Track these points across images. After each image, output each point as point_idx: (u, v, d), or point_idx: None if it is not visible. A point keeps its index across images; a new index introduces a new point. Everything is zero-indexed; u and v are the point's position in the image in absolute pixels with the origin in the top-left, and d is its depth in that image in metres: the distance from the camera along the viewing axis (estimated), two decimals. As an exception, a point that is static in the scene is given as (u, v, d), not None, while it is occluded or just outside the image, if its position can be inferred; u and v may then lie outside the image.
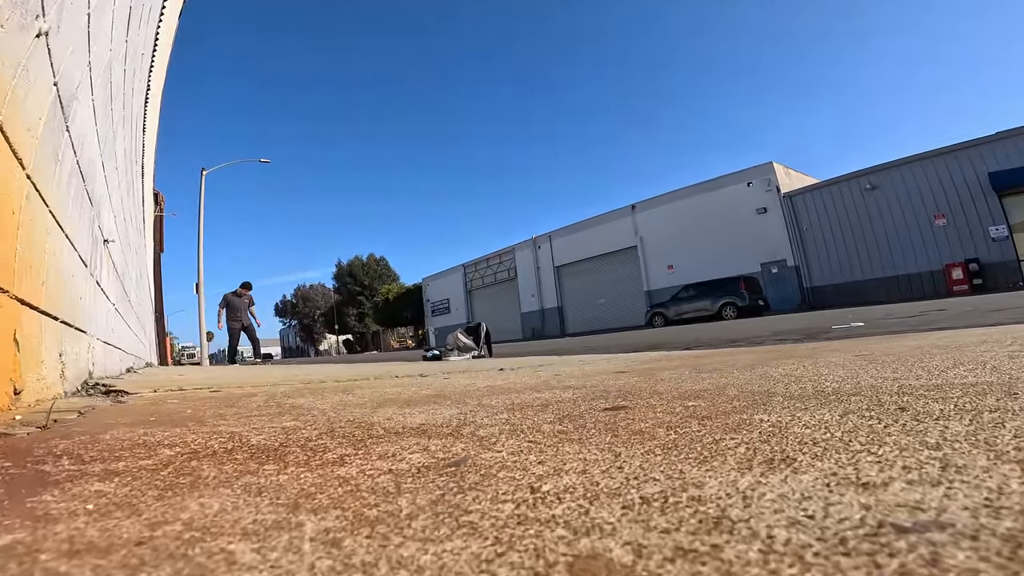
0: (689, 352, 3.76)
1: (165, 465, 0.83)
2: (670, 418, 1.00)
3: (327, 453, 0.88)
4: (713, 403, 1.13)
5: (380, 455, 0.84)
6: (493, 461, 0.74)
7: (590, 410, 1.16)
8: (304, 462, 0.81)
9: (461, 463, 0.73)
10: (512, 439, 0.90)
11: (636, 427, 0.93)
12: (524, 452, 0.80)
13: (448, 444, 0.90)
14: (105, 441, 1.04)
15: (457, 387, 2.10)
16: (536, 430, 0.97)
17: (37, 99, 1.73)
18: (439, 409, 1.35)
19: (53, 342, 2.02)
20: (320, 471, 0.75)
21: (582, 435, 0.90)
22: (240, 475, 0.74)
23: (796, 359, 2.03)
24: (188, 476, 0.75)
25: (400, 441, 0.95)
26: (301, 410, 1.53)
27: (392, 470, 0.73)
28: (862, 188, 23.29)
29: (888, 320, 7.81)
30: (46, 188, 1.90)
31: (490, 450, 0.82)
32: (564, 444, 0.84)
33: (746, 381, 1.46)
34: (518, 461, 0.74)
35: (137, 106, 5.50)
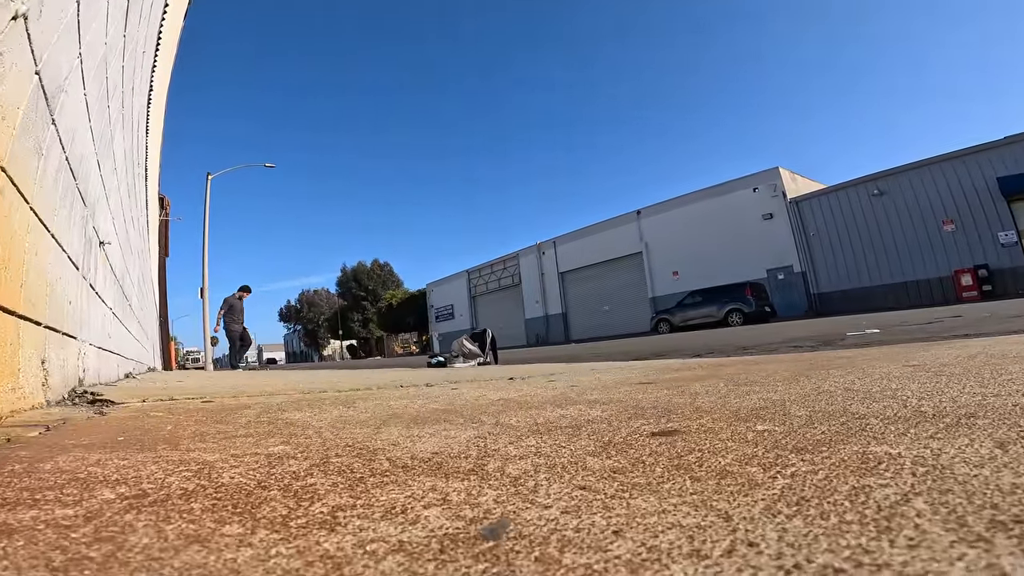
0: (707, 360, 3.59)
1: (88, 519, 0.64)
2: (748, 449, 0.81)
3: (315, 503, 0.69)
4: (788, 427, 0.94)
5: (385, 509, 0.65)
6: (544, 528, 0.54)
7: (634, 434, 0.97)
8: (281, 520, 0.62)
9: (500, 532, 0.54)
10: (555, 482, 0.71)
11: (714, 464, 0.74)
12: (582, 509, 0.60)
13: (473, 489, 0.71)
14: (41, 472, 0.88)
15: (468, 400, 1.95)
16: (580, 466, 0.79)
17: (14, 86, 1.59)
18: (452, 430, 1.18)
19: (33, 349, 1.88)
20: (300, 541, 0.55)
21: (648, 477, 0.71)
22: (182, 545, 0.54)
23: (840, 370, 1.86)
24: (105, 544, 0.55)
25: (411, 483, 0.77)
26: (294, 429, 1.37)
27: (403, 544, 0.53)
28: (869, 193, 23.09)
29: (904, 327, 7.62)
30: (26, 183, 1.76)
31: (532, 504, 0.63)
32: (631, 494, 0.64)
33: (804, 396, 1.29)
34: (581, 527, 0.54)
35: (139, 106, 5.39)
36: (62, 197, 2.33)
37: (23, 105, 1.69)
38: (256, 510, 0.67)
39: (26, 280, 1.81)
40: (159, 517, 0.65)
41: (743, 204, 26.56)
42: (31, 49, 1.70)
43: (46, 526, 0.61)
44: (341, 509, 0.66)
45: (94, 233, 3.36)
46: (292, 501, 0.70)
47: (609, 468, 0.75)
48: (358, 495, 0.72)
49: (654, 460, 0.78)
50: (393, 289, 62.33)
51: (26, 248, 1.81)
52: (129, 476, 0.85)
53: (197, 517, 0.64)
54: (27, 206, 1.80)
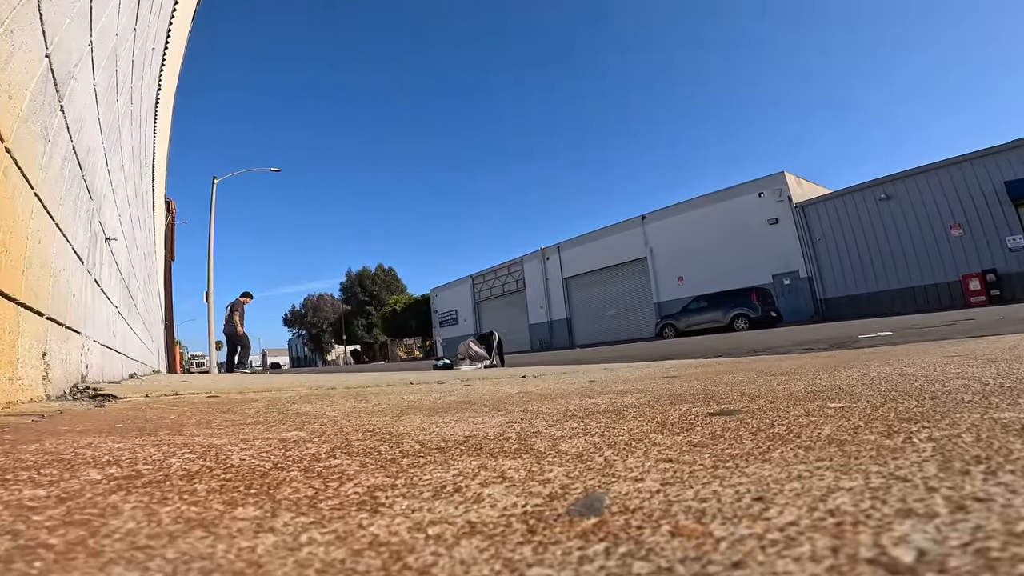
0: (723, 359, 3.50)
1: (61, 500, 0.53)
2: (842, 422, 0.71)
3: (345, 483, 0.58)
4: (869, 404, 0.83)
5: (434, 489, 0.54)
6: (654, 500, 0.45)
7: (688, 415, 0.88)
8: (308, 501, 0.51)
9: (597, 507, 0.43)
10: (630, 457, 0.61)
11: (813, 434, 0.64)
12: (687, 479, 0.50)
13: (532, 467, 0.60)
14: (22, 454, 0.78)
15: (484, 393, 1.87)
16: (648, 442, 0.68)
17: (23, 66, 1.54)
18: (478, 417, 1.10)
19: (34, 340, 1.81)
20: (337, 525, 0.44)
21: (739, 447, 0.61)
22: (181, 531, 0.43)
23: (878, 362, 1.77)
24: (75, 530, 0.44)
25: (453, 462, 0.66)
26: (307, 418, 1.29)
27: (475, 526, 0.42)
28: (876, 198, 22.94)
29: (916, 330, 7.50)
30: (31, 167, 1.70)
31: (617, 478, 0.52)
32: (736, 464, 0.54)
33: (859, 382, 1.19)
34: (704, 497, 0.44)
35: (147, 104, 5.36)
36: (68, 187, 2.28)
37: (31, 87, 1.63)
38: (275, 491, 0.56)
39: (28, 267, 1.75)
40: (153, 499, 0.54)
41: (748, 209, 26.42)
42: (42, 30, 1.65)
43: (3, 507, 0.51)
44: (380, 489, 0.55)
45: (100, 228, 3.31)
46: (318, 482, 0.60)
47: (685, 443, 0.65)
48: (395, 475, 0.61)
49: (733, 435, 0.68)
50: (397, 294, 62.31)
51: (29, 234, 1.75)
52: (123, 458, 0.75)
53: (201, 499, 0.53)
54: (31, 191, 1.74)
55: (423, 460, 0.69)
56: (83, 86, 2.29)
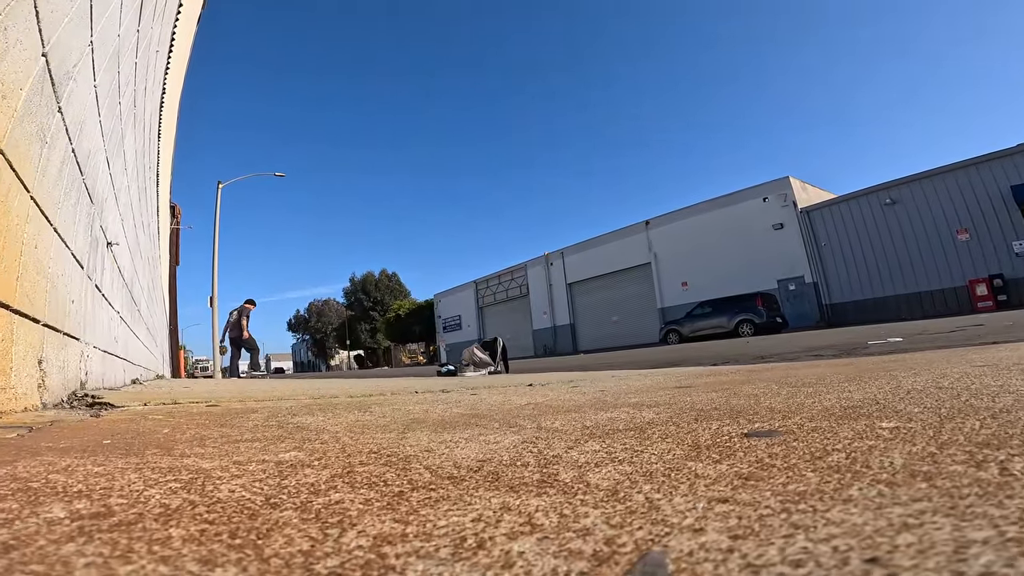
0: (734, 367, 3.42)
1: (6, 549, 0.45)
2: (909, 447, 0.63)
3: (348, 532, 0.49)
4: (926, 424, 0.75)
5: (453, 542, 0.45)
6: (731, 565, 0.36)
7: (722, 436, 0.80)
8: (302, 561, 0.42)
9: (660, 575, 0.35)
10: (675, 495, 0.52)
11: (885, 463, 0.56)
12: (760, 531, 0.41)
13: (562, 508, 0.51)
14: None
15: (492, 404, 1.81)
16: (688, 473, 0.61)
17: (17, 65, 1.49)
18: (489, 435, 1.03)
19: (29, 347, 1.76)
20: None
21: (805, 484, 0.53)
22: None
23: (904, 371, 1.69)
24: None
25: (469, 499, 0.57)
26: (308, 433, 1.22)
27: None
28: (881, 203, 22.82)
29: (926, 336, 7.40)
30: (26, 170, 1.65)
31: (671, 527, 0.44)
32: (812, 505, 0.46)
33: (895, 395, 1.10)
34: (795, 560, 0.36)
35: (151, 107, 5.33)
36: (67, 191, 2.23)
37: (26, 87, 1.58)
38: (264, 541, 0.47)
39: (23, 273, 1.69)
40: (115, 550, 0.45)
41: (753, 214, 26.32)
42: (39, 28, 1.61)
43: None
44: (388, 541, 0.46)
45: (101, 233, 3.26)
46: (315, 528, 0.51)
47: (733, 474, 0.57)
48: (405, 518, 0.52)
49: (785, 463, 0.61)
50: (401, 299, 62.37)
51: (24, 239, 1.70)
52: (97, 487, 0.67)
53: (175, 552, 0.44)
54: (27, 194, 1.69)
55: (435, 495, 0.61)
56: (83, 87, 2.24)
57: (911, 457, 0.58)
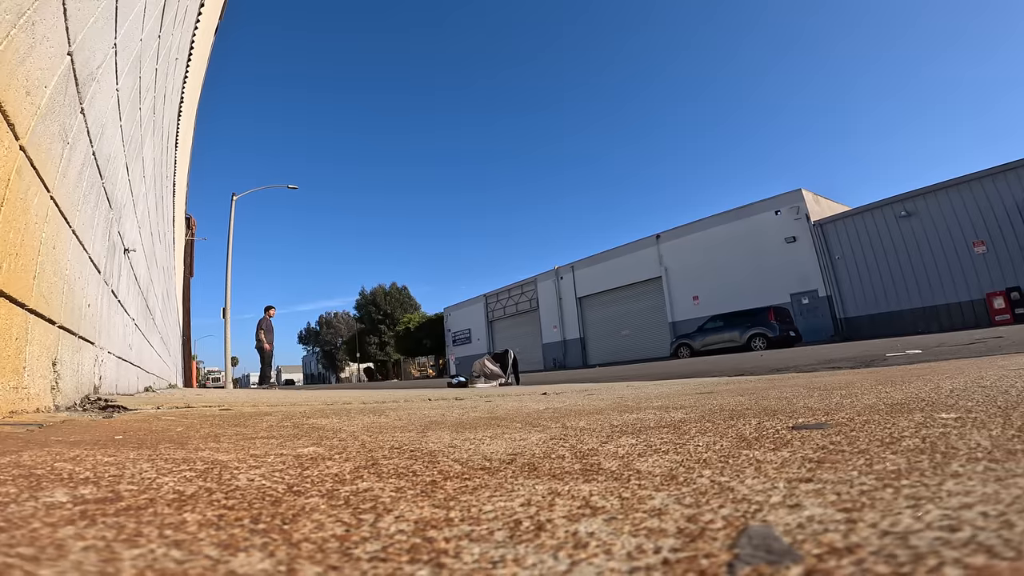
0: (754, 377, 3.34)
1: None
2: (987, 432, 0.59)
3: (384, 516, 0.44)
4: (988, 414, 0.70)
5: (505, 525, 0.40)
6: (852, 532, 0.33)
7: (769, 430, 0.75)
8: (338, 545, 0.38)
9: (775, 546, 0.32)
10: (743, 475, 0.48)
11: (972, 444, 0.52)
12: (861, 501, 0.38)
13: (619, 491, 0.46)
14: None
15: (509, 409, 1.76)
16: (745, 458, 0.56)
17: (43, 62, 1.50)
18: (514, 433, 0.98)
19: (43, 348, 1.75)
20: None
21: (891, 462, 0.49)
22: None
23: (937, 375, 1.63)
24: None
25: (510, 486, 0.52)
26: (324, 432, 1.18)
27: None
28: (896, 215, 22.55)
29: (945, 348, 7.24)
30: (47, 169, 1.65)
31: (758, 504, 0.40)
32: (921, 479, 0.42)
33: (938, 395, 1.05)
34: (928, 523, 0.33)
35: (169, 115, 5.39)
36: (86, 193, 2.24)
37: (51, 85, 1.59)
38: (291, 527, 0.42)
39: (40, 273, 1.69)
40: (120, 534, 0.40)
41: (765, 227, 26.12)
42: (66, 26, 1.61)
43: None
44: (432, 525, 0.41)
45: (119, 238, 3.28)
46: (346, 513, 0.46)
47: (801, 459, 0.51)
48: (444, 504, 0.47)
49: (856, 449, 0.55)
50: (411, 313, 62.52)
51: (42, 239, 1.70)
52: (106, 475, 0.62)
53: (189, 536, 0.40)
54: (47, 194, 1.69)
55: (472, 484, 0.56)
56: (106, 90, 2.26)
57: (996, 439, 0.53)
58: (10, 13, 1.26)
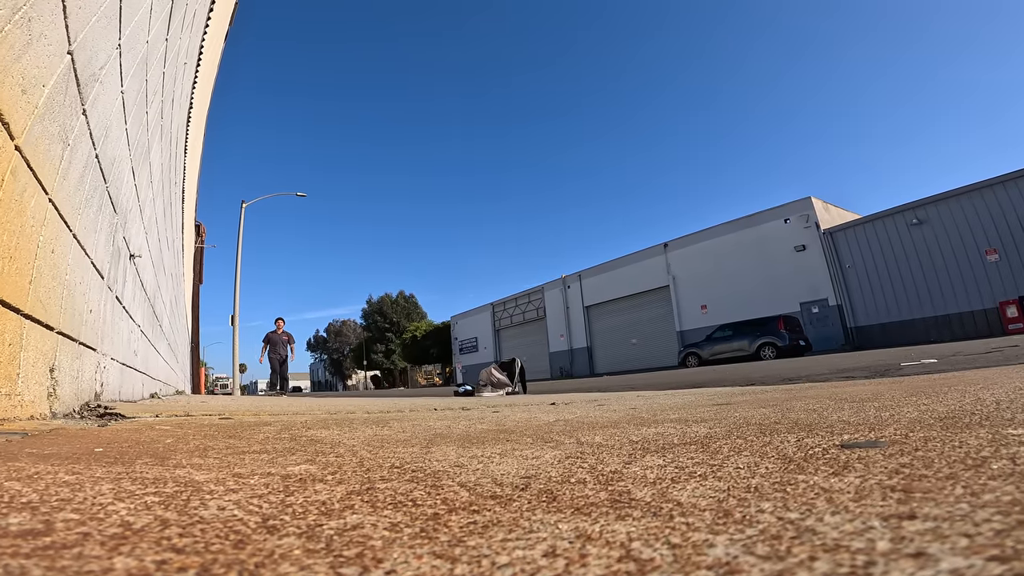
0: (769, 387, 3.25)
1: None
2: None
3: (373, 571, 0.36)
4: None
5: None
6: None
7: (815, 449, 0.66)
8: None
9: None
10: (815, 511, 0.40)
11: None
12: (997, 544, 0.31)
13: (668, 535, 0.38)
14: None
15: (518, 421, 1.69)
16: (805, 486, 0.48)
17: (40, 60, 1.46)
18: (525, 450, 0.90)
19: (40, 354, 1.70)
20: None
21: (1001, 492, 0.41)
22: None
23: (972, 385, 1.54)
24: None
25: (527, 524, 0.43)
26: (322, 447, 1.11)
27: None
28: (908, 223, 22.31)
29: (960, 357, 7.09)
30: (45, 171, 1.61)
31: (857, 551, 0.32)
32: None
33: (978, 404, 0.98)
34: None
35: (178, 120, 5.39)
36: (88, 197, 2.21)
37: (49, 84, 1.55)
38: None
39: (37, 277, 1.65)
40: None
41: (774, 235, 25.93)
42: (65, 24, 1.57)
43: None
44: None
45: (124, 244, 3.25)
46: (324, 563, 0.36)
47: (877, 487, 0.42)
48: (448, 551, 0.38)
49: (938, 474, 0.47)
50: (417, 321, 62.60)
51: (40, 242, 1.65)
52: (53, 498, 0.54)
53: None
54: (45, 196, 1.65)
55: (481, 519, 0.46)
56: (109, 91, 2.22)
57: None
58: (4, 8, 1.22)
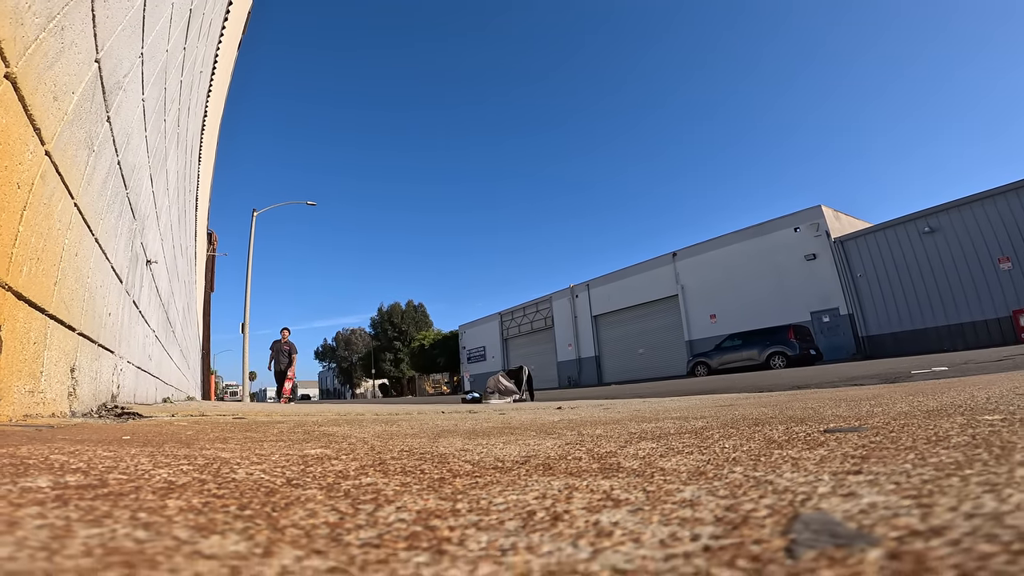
0: (776, 393, 3.25)
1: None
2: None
3: (384, 507, 0.41)
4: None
5: (517, 515, 0.37)
6: (928, 518, 0.31)
7: (798, 434, 0.70)
8: (328, 531, 0.35)
9: (840, 531, 0.29)
10: (778, 472, 0.45)
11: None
12: (922, 491, 0.36)
13: (643, 485, 0.43)
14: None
15: (524, 420, 1.73)
16: (778, 456, 0.53)
17: (71, 68, 1.53)
18: (528, 440, 0.94)
19: (62, 354, 1.76)
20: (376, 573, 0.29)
21: (946, 456, 0.46)
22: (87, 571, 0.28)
23: (973, 387, 1.56)
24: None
25: (523, 482, 0.49)
26: (334, 438, 1.16)
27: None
28: (919, 231, 22.12)
29: (972, 364, 7.02)
30: (72, 176, 1.69)
31: (803, 495, 0.37)
32: (987, 467, 0.39)
33: (971, 400, 1.01)
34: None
35: (193, 129, 5.51)
36: (110, 203, 2.28)
37: (78, 91, 1.61)
38: (280, 514, 0.39)
39: (61, 279, 1.71)
40: (85, 516, 0.38)
41: (784, 244, 25.79)
42: (94, 33, 1.63)
43: None
44: (436, 515, 0.38)
45: (142, 249, 3.34)
46: (344, 503, 0.43)
47: (841, 456, 0.47)
48: (451, 497, 0.44)
49: (898, 446, 0.51)
50: (426, 330, 62.83)
51: (64, 245, 1.72)
52: (99, 466, 0.60)
53: (164, 519, 0.37)
54: (71, 200, 1.73)
55: (482, 481, 0.52)
56: (132, 99, 2.30)
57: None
58: (40, 16, 1.28)
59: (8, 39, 1.13)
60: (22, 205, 1.31)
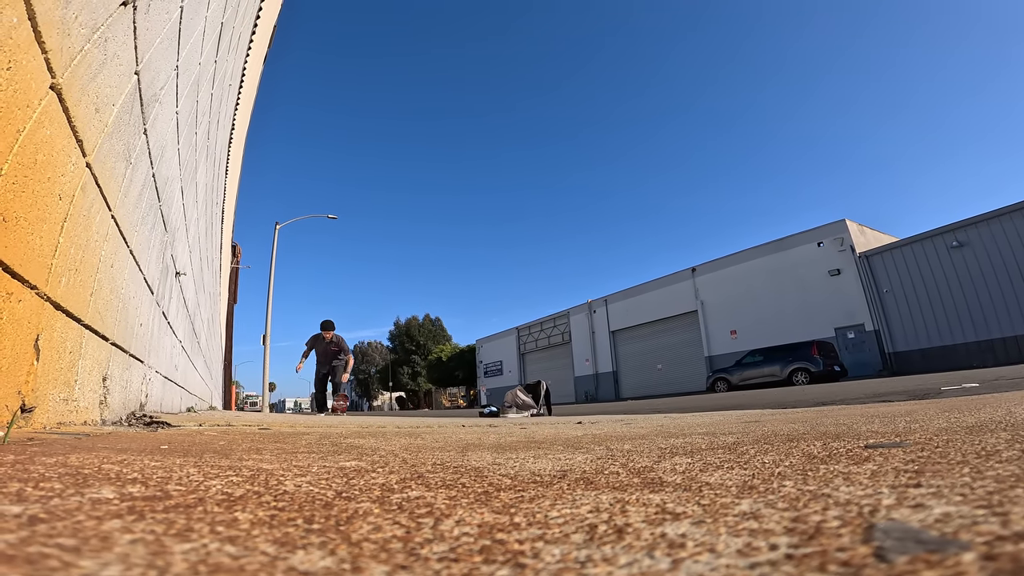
0: (801, 409, 3.17)
1: (36, 521, 0.40)
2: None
3: (443, 521, 0.41)
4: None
5: (579, 529, 0.37)
6: (987, 522, 0.31)
7: (838, 450, 0.67)
8: (401, 545, 0.36)
9: (924, 537, 0.29)
10: (830, 485, 0.44)
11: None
12: (980, 498, 0.36)
13: (695, 500, 0.43)
14: (36, 465, 0.64)
15: (547, 435, 1.71)
16: (826, 472, 0.51)
17: (112, 80, 1.57)
18: (559, 455, 0.93)
19: (95, 363, 1.80)
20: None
21: (1003, 470, 0.45)
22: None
23: (1012, 404, 1.50)
24: (16, 570, 0.31)
25: (570, 497, 0.48)
26: (363, 451, 1.16)
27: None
28: (948, 245, 21.58)
29: (1004, 381, 6.79)
30: (110, 188, 1.74)
31: (866, 506, 0.37)
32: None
33: (1009, 416, 0.97)
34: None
35: (222, 141, 5.64)
36: (144, 215, 2.35)
37: (118, 103, 1.65)
38: (347, 527, 0.40)
39: (97, 290, 1.76)
40: (170, 529, 0.39)
41: (807, 259, 25.37)
42: (135, 45, 1.66)
43: None
44: (498, 529, 0.38)
45: (172, 261, 3.42)
46: (403, 516, 0.44)
47: (892, 470, 0.46)
48: (504, 511, 0.44)
49: (949, 462, 0.49)
50: (443, 344, 63.05)
51: (101, 256, 1.77)
52: (154, 476, 0.61)
53: (243, 532, 0.38)
54: (108, 212, 1.78)
55: (527, 495, 0.51)
56: (167, 112, 2.36)
57: None
58: (85, 28, 1.32)
59: (55, 50, 1.17)
60: (63, 217, 1.36)
